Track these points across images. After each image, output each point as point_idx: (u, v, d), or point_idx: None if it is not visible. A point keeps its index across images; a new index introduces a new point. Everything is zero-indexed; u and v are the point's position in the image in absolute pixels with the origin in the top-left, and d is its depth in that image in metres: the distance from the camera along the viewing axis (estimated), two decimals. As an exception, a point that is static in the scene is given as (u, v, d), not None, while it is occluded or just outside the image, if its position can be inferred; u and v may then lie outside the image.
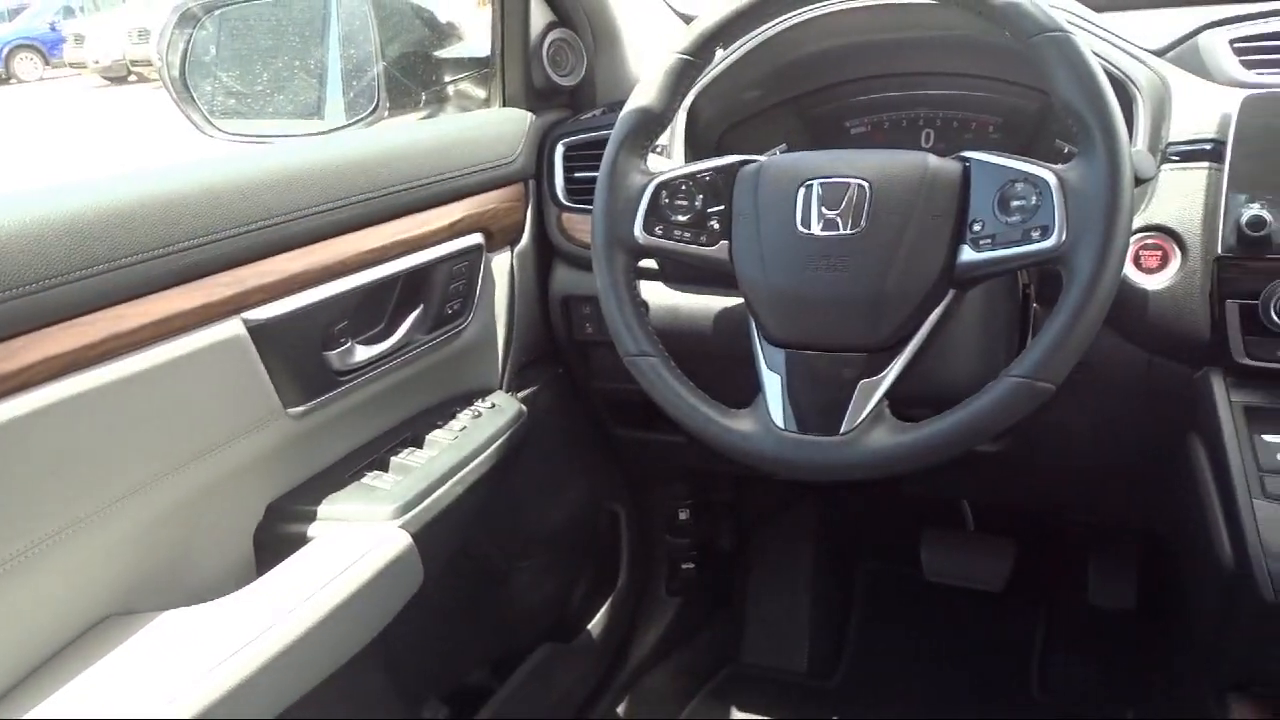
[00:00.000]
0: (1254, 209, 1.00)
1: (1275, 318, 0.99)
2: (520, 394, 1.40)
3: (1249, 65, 1.13)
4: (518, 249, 1.39)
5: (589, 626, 1.71)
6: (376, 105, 1.43)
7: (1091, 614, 1.81)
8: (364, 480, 1.12)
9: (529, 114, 1.43)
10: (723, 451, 1.03)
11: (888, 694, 1.86)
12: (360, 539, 1.02)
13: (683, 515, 1.83)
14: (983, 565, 1.83)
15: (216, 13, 1.34)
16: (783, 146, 1.39)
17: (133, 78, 15.31)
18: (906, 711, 1.80)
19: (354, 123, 1.46)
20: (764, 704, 1.83)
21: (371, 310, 1.16)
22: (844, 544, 2.03)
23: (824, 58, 1.35)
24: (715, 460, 1.11)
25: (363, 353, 1.12)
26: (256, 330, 0.98)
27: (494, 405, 1.31)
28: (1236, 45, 1.15)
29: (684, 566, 1.86)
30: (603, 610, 1.74)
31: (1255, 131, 1.04)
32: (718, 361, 1.11)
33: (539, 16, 1.44)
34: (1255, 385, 1.04)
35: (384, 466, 1.15)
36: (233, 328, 0.97)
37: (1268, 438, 1.01)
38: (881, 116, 1.40)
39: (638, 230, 1.07)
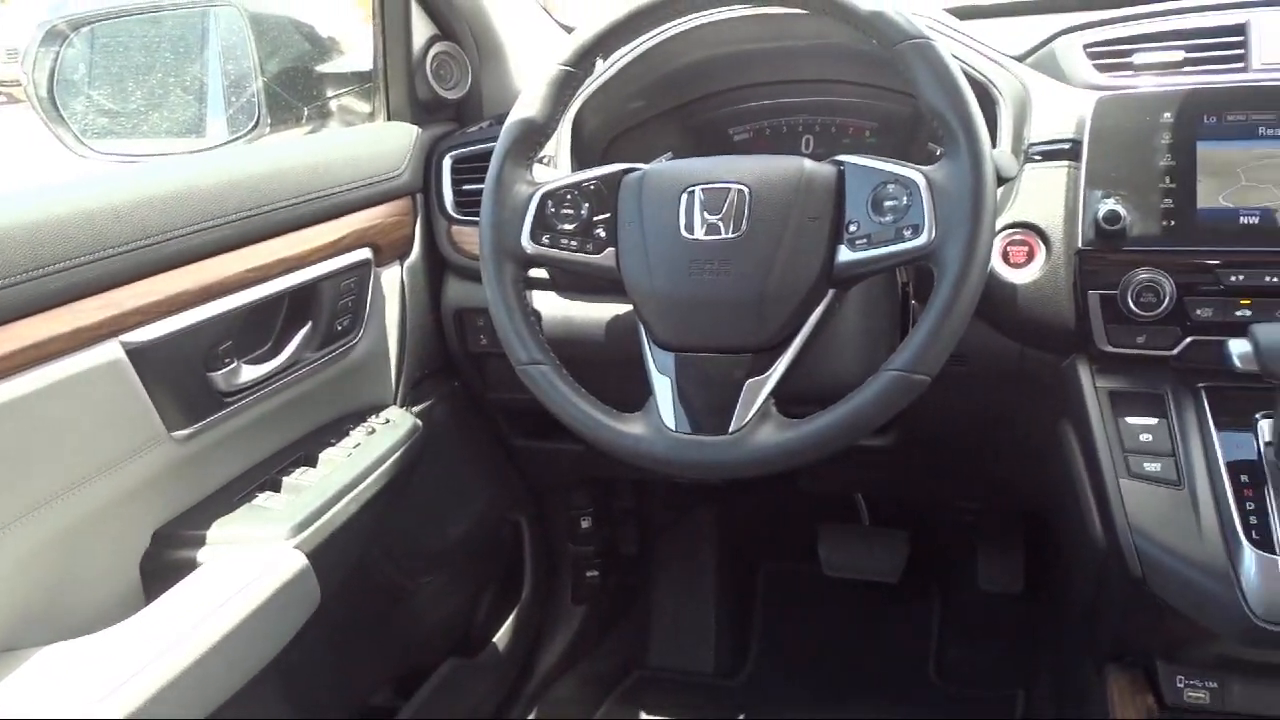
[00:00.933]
0: (1109, 204, 1.06)
1: (1133, 306, 1.05)
2: (415, 408, 1.39)
3: (1102, 69, 1.19)
4: (408, 263, 1.39)
5: (494, 639, 1.70)
6: (257, 121, 1.41)
7: (983, 599, 1.88)
8: (255, 502, 1.10)
9: (415, 127, 1.43)
10: (616, 455, 1.04)
11: (792, 688, 1.90)
12: (253, 561, 1.00)
13: (585, 523, 1.84)
14: (878, 558, 1.88)
15: (86, 29, 1.30)
16: (669, 155, 1.41)
17: (1, 98, 14.67)
18: (811, 704, 1.84)
19: (234, 139, 1.44)
20: (672, 706, 1.85)
21: (257, 329, 1.14)
22: (745, 544, 2.07)
23: (704, 67, 1.38)
24: (615, 467, 1.12)
25: (249, 372, 1.10)
26: (135, 353, 0.96)
27: (388, 421, 1.30)
28: (1089, 50, 1.21)
29: (588, 575, 1.87)
30: (508, 622, 1.73)
31: (1108, 131, 1.10)
32: (612, 368, 1.12)
33: (421, 30, 1.44)
34: (1118, 371, 1.10)
35: (276, 487, 1.13)
36: (110, 351, 0.94)
37: (1131, 420, 1.06)
38: (763, 123, 1.43)
39: (525, 240, 1.08)
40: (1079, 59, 1.21)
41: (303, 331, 1.18)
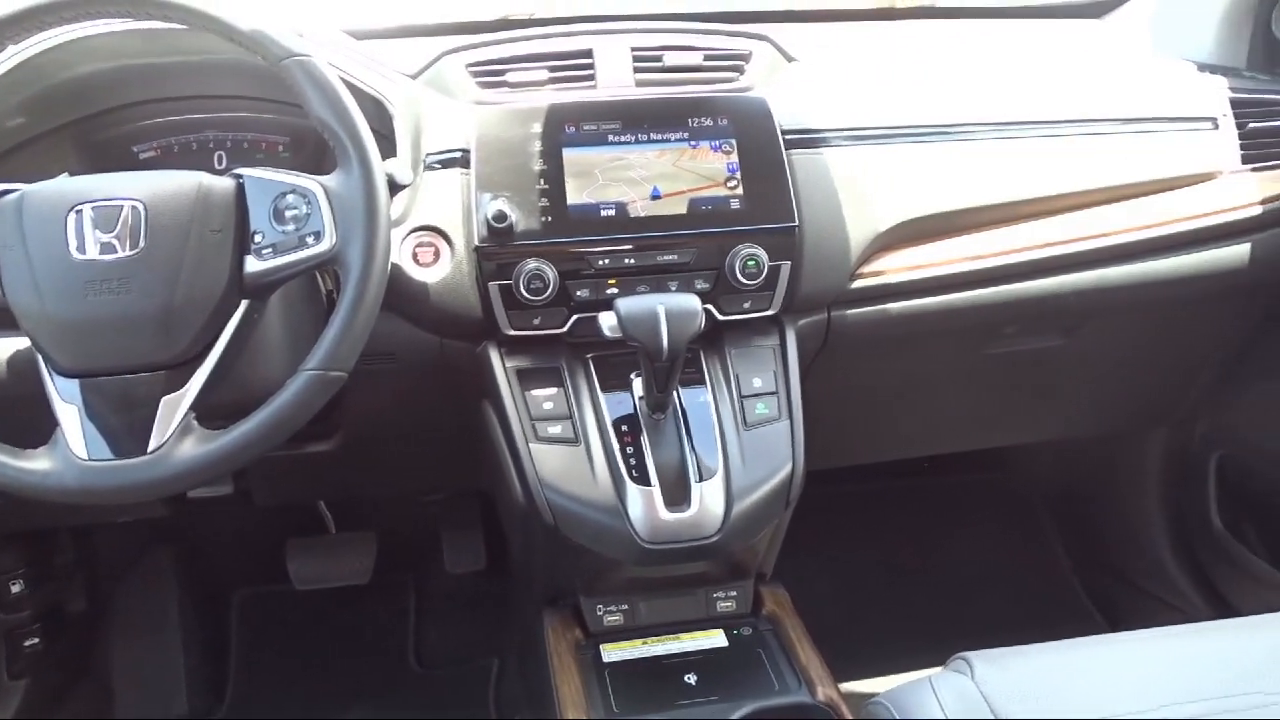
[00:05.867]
0: (497, 205, 1.19)
1: (525, 293, 1.19)
2: None
3: (483, 85, 1.33)
4: None
5: None
6: None
7: (453, 581, 2.00)
8: None
9: None
10: (23, 495, 0.97)
11: (277, 711, 1.87)
12: None
13: (16, 587, 1.65)
14: (348, 563, 1.92)
15: None
16: (65, 175, 1.32)
17: None
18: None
19: None
20: None
21: None
22: (212, 576, 2.00)
23: (94, 81, 1.31)
24: (46, 518, 1.03)
25: None
26: None
27: None
28: (471, 69, 1.34)
29: (27, 645, 1.69)
30: None
31: (491, 141, 1.24)
32: (15, 407, 1.04)
33: None
34: (522, 350, 1.24)
35: None
36: None
37: (535, 392, 1.22)
38: (170, 140, 1.39)
39: None
40: (463, 77, 1.34)
41: None
